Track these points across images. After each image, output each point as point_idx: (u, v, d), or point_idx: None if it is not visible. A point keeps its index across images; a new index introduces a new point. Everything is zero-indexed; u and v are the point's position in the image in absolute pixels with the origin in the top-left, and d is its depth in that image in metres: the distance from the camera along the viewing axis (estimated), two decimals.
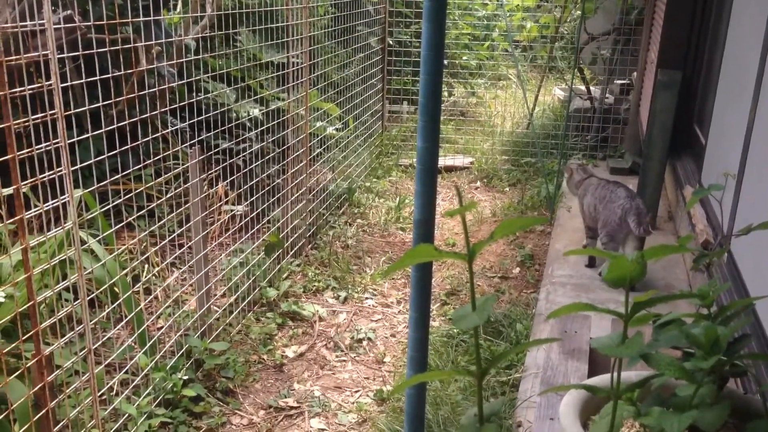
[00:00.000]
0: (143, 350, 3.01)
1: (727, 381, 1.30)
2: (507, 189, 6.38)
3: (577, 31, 6.41)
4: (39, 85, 2.27)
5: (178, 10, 4.59)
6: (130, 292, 2.95)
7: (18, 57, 2.17)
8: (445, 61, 7.89)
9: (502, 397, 3.08)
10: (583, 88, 7.47)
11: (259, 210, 4.19)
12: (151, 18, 3.16)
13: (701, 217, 3.83)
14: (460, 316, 1.05)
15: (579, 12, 6.85)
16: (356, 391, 3.41)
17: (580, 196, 4.33)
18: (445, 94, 8.53)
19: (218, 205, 4.32)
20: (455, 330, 3.71)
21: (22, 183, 2.15)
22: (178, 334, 3.27)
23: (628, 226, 3.86)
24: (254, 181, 4.13)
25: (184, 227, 3.44)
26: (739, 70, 3.74)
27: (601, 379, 1.59)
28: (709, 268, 3.09)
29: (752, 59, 3.32)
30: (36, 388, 2.28)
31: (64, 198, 2.34)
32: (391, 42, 7.33)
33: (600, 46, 7.49)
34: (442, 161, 6.81)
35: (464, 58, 8.46)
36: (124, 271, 2.99)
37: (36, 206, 2.32)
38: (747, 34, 3.67)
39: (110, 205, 2.85)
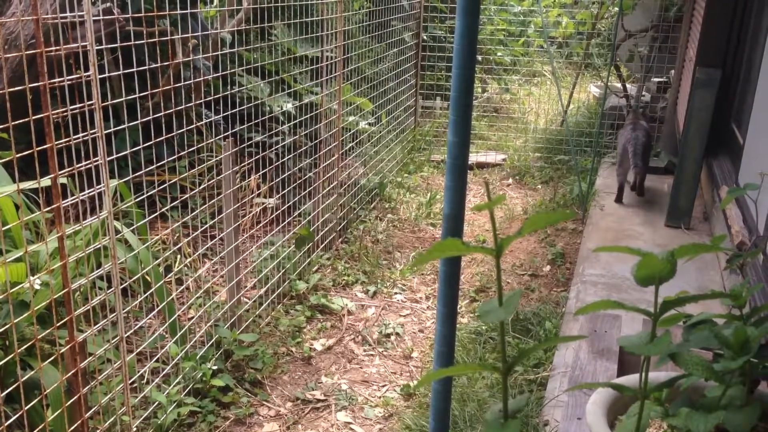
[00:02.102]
0: (174, 339, 3.05)
1: (758, 383, 1.28)
2: (539, 186, 6.34)
3: (615, 27, 6.33)
4: (78, 76, 2.31)
5: (214, 3, 4.64)
6: (162, 282, 2.99)
7: (57, 48, 2.21)
8: (480, 57, 7.86)
9: (527, 394, 3.06)
10: (619, 85, 7.37)
11: (291, 203, 4.22)
12: (188, 11, 3.19)
13: (737, 218, 3.76)
14: (486, 310, 1.05)
15: (616, 8, 6.76)
16: (383, 386, 3.42)
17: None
18: (479, 90, 8.49)
19: (250, 197, 4.36)
20: (483, 327, 3.70)
21: (60, 172, 2.19)
22: (209, 324, 3.31)
23: (628, 154, 4.98)
24: (286, 174, 4.16)
25: (216, 219, 3.48)
26: None
27: (629, 379, 1.57)
28: (743, 269, 3.03)
29: None
30: (69, 374, 2.32)
31: (100, 188, 2.38)
32: (425, 37, 7.32)
33: (637, 43, 7.38)
34: (475, 157, 6.79)
35: (499, 54, 8.40)
36: (157, 261, 3.03)
37: (73, 195, 2.37)
38: None
39: (144, 196, 2.89)
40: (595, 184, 5.62)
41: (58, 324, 2.26)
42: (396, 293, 4.30)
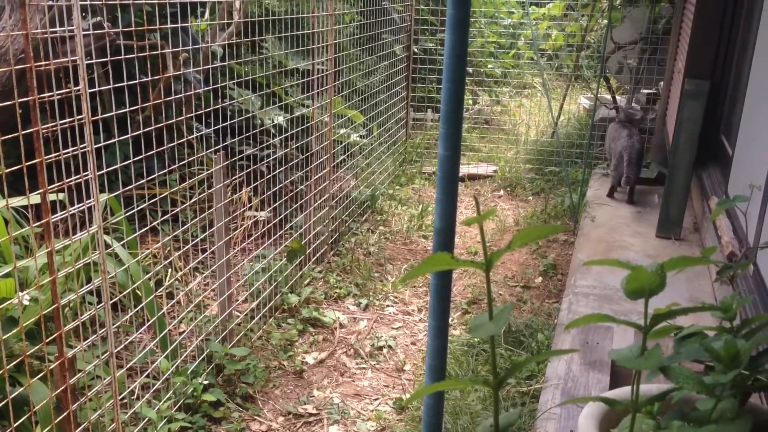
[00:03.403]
0: (165, 354, 3.03)
1: (749, 396, 1.28)
2: (530, 198, 6.35)
3: (604, 40, 6.37)
4: (67, 90, 2.31)
5: (205, 17, 4.65)
6: (153, 296, 2.97)
7: (47, 63, 2.21)
8: (470, 69, 7.89)
9: (519, 408, 3.05)
10: (609, 97, 7.41)
11: (282, 216, 4.21)
12: (179, 25, 3.19)
13: (727, 229, 3.78)
14: (476, 325, 1.05)
15: (606, 21, 6.81)
16: (375, 399, 3.40)
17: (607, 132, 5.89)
18: (470, 102, 8.52)
19: (241, 210, 4.35)
20: (476, 339, 3.69)
21: (49, 187, 2.18)
22: (200, 338, 3.29)
23: (623, 161, 5.28)
24: (277, 187, 4.16)
25: (207, 232, 3.47)
26: None
27: (622, 392, 1.57)
28: (733, 281, 3.04)
29: None
30: (58, 391, 2.30)
31: (90, 202, 2.37)
32: (416, 50, 7.35)
33: (626, 55, 7.43)
34: (466, 169, 6.80)
35: (489, 66, 8.44)
36: (147, 276, 3.02)
37: (63, 210, 2.36)
38: None
39: (135, 210, 2.88)
40: (586, 196, 5.64)
41: (48, 340, 2.24)
42: (388, 306, 4.30)
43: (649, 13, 6.82)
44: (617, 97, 7.53)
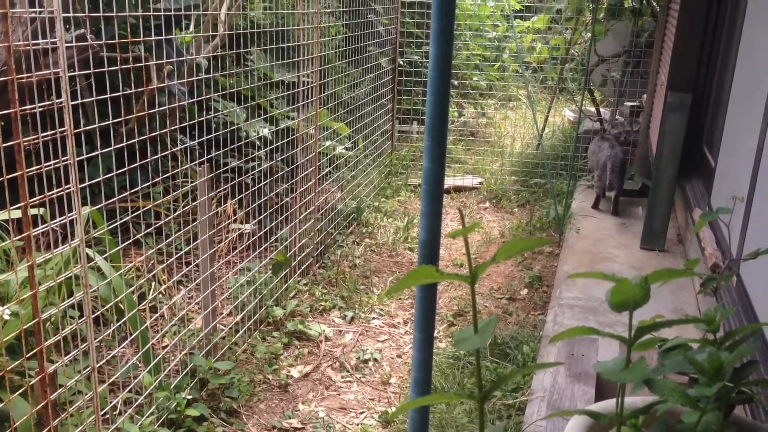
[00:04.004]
0: (147, 369, 3.00)
1: (734, 408, 1.28)
2: (516, 210, 6.37)
3: (588, 53, 6.42)
4: (49, 102, 2.29)
5: (190, 29, 4.64)
6: (136, 310, 2.95)
7: (29, 75, 2.19)
8: (456, 82, 7.93)
9: (505, 421, 3.05)
10: (593, 109, 7.47)
11: (267, 228, 4.19)
12: (163, 37, 3.18)
13: (710, 241, 3.80)
14: (461, 338, 1.04)
15: (589, 34, 6.87)
16: (361, 413, 3.38)
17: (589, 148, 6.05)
18: (456, 114, 8.55)
19: (226, 223, 4.33)
20: (461, 352, 3.68)
21: (31, 200, 2.16)
22: (183, 353, 3.26)
23: (607, 171, 5.42)
24: (263, 200, 4.14)
25: (191, 245, 3.44)
26: (749, 93, 3.73)
27: (607, 405, 1.57)
28: (716, 292, 3.06)
29: (762, 83, 3.31)
30: (39, 406, 2.27)
31: (72, 215, 2.35)
32: (401, 62, 7.37)
33: (610, 68, 7.49)
34: (452, 181, 6.82)
35: (475, 78, 8.48)
36: (130, 289, 2.99)
37: (44, 223, 2.33)
38: (757, 58, 3.67)
39: (118, 223, 2.86)
40: (571, 207, 5.66)
41: (28, 355, 2.21)
42: (374, 318, 4.28)
43: (632, 27, 6.89)
44: (601, 110, 7.58)
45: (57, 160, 2.29)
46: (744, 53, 4.08)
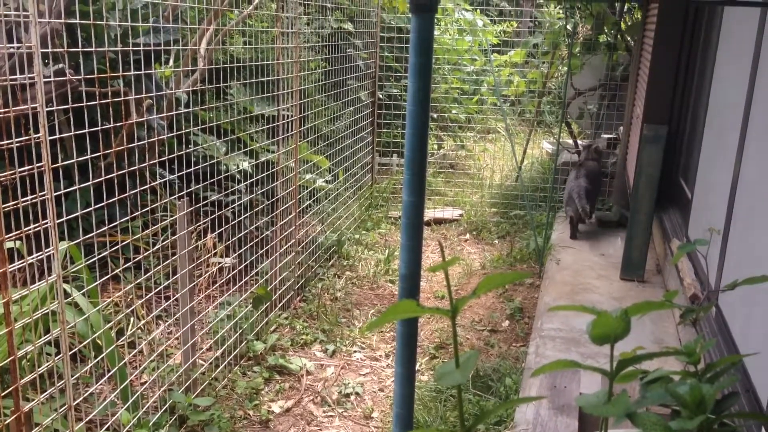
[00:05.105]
0: (126, 406, 2.95)
1: None
2: (496, 241, 6.39)
3: (564, 86, 6.52)
4: (27, 138, 2.27)
5: (170, 64, 4.65)
6: (114, 346, 2.90)
7: (6, 110, 2.18)
8: (435, 115, 7.99)
9: None
10: (570, 141, 7.56)
11: (248, 262, 4.17)
12: (143, 72, 3.19)
13: (689, 271, 3.83)
14: (443, 373, 1.04)
15: (566, 68, 6.98)
16: None
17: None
18: (435, 146, 8.61)
19: (206, 257, 4.30)
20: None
21: (7, 236, 2.14)
22: (162, 389, 3.21)
23: (572, 200, 5.66)
24: (243, 233, 4.13)
25: (171, 279, 3.41)
26: (723, 125, 3.80)
27: None
28: (696, 323, 3.08)
29: (735, 115, 3.37)
30: None
31: (49, 251, 2.32)
32: (381, 96, 7.43)
33: (587, 101, 7.61)
34: (432, 213, 6.84)
35: (454, 111, 8.56)
36: (108, 325, 2.95)
37: (22, 258, 2.30)
38: (730, 91, 3.74)
39: (96, 258, 2.83)
40: (550, 239, 5.69)
41: (3, 393, 2.17)
42: (355, 351, 4.25)
43: (607, 61, 7.01)
44: (579, 142, 7.68)
45: (34, 196, 2.27)
46: (717, 88, 4.16)
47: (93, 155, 2.80)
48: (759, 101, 3.07)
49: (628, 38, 6.92)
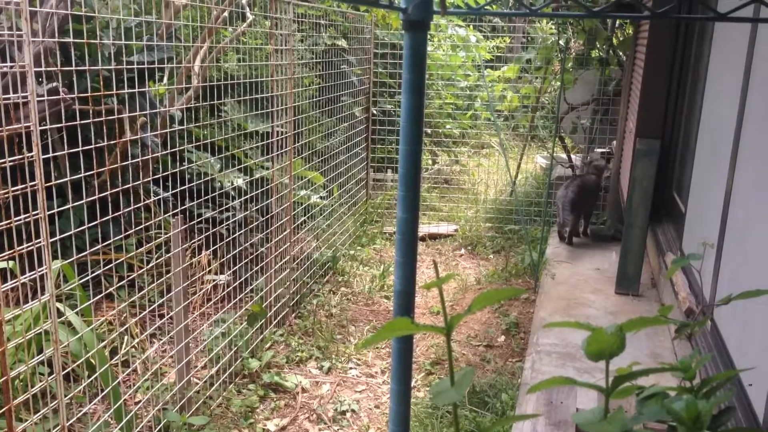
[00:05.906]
0: (120, 426, 2.92)
1: None
2: (491, 256, 6.39)
3: (558, 101, 6.55)
4: (20, 156, 2.27)
5: (164, 81, 4.66)
6: (108, 365, 2.89)
7: (0, 129, 2.18)
8: (429, 130, 8.02)
9: None
10: (564, 156, 7.58)
11: (242, 279, 4.16)
12: (137, 90, 3.19)
13: (684, 285, 3.84)
14: (438, 391, 1.03)
15: (559, 83, 7.01)
16: None
17: None
18: (430, 162, 8.63)
19: (201, 274, 4.28)
20: None
21: (0, 255, 2.13)
22: (156, 408, 3.19)
23: (559, 209, 5.91)
24: (238, 250, 4.12)
25: (165, 297, 3.40)
26: (716, 139, 3.82)
27: None
28: (691, 338, 3.07)
29: (728, 129, 3.39)
30: None
31: (42, 270, 2.31)
32: (375, 111, 7.45)
33: (580, 115, 7.64)
34: (427, 229, 6.84)
35: (448, 126, 8.59)
36: (102, 344, 2.93)
37: (15, 278, 2.29)
38: (722, 105, 3.76)
39: (89, 276, 2.81)
40: (545, 253, 5.69)
41: None
42: (351, 368, 4.23)
43: (599, 76, 7.05)
44: (572, 156, 7.70)
45: (27, 214, 2.26)
46: (709, 102, 4.18)
47: (87, 173, 2.79)
48: (751, 115, 3.09)
49: (621, 53, 6.97)
